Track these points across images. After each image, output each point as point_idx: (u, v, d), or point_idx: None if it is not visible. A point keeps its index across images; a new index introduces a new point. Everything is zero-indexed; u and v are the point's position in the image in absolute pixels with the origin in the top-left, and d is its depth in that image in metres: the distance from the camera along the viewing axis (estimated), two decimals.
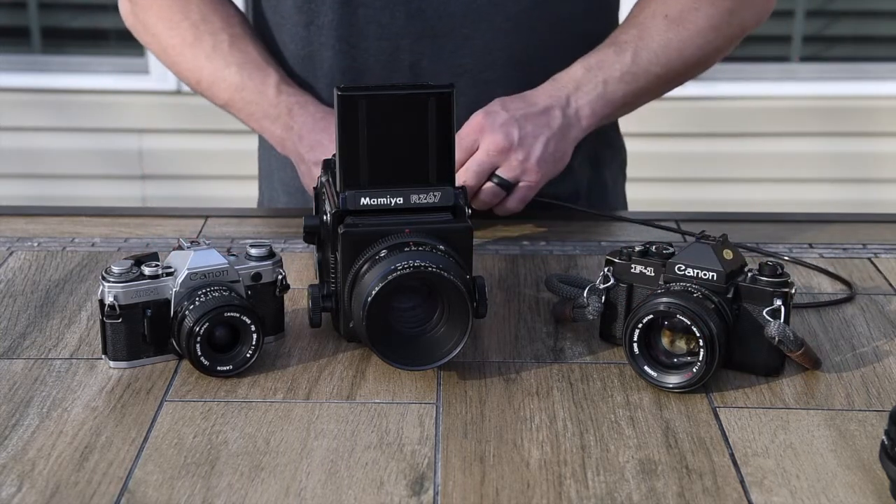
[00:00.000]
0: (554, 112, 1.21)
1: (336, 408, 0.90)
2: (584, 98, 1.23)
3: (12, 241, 1.26)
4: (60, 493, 0.79)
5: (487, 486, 0.80)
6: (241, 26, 1.33)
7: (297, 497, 0.78)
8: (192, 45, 1.31)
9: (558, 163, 1.22)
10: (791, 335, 0.92)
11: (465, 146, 1.18)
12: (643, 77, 1.25)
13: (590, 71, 1.24)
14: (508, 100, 1.21)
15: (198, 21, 1.30)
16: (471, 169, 1.18)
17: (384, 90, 0.97)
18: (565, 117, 1.21)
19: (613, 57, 1.24)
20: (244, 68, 1.28)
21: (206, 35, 1.30)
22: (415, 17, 1.28)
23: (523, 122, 1.19)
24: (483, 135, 1.18)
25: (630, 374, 0.95)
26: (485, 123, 1.18)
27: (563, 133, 1.21)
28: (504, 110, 1.19)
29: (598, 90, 1.23)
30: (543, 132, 1.19)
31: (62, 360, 0.98)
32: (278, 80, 1.29)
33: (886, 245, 1.26)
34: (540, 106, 1.21)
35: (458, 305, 0.92)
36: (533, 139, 1.19)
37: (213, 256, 0.97)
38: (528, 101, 1.21)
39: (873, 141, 3.51)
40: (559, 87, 1.23)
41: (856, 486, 0.80)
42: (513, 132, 1.18)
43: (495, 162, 1.19)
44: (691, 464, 0.82)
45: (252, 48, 1.31)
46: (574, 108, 1.22)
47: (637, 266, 0.98)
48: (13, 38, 3.60)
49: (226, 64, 1.29)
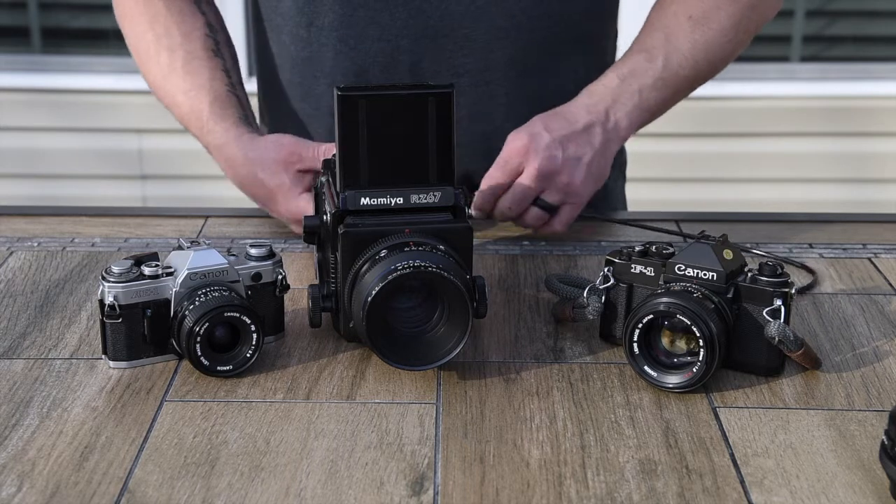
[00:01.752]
0: (595, 129, 1.20)
1: (336, 408, 0.90)
2: (621, 110, 1.22)
3: (12, 241, 1.26)
4: (60, 493, 0.79)
5: (487, 486, 0.80)
6: (202, 41, 1.29)
7: (297, 497, 0.78)
8: (152, 58, 1.30)
9: (600, 180, 1.22)
10: (791, 335, 0.92)
11: (509, 170, 1.18)
12: (674, 81, 1.25)
13: (624, 81, 1.23)
14: (549, 118, 1.21)
15: (161, 34, 1.29)
16: (516, 195, 1.18)
17: (384, 90, 0.97)
18: (605, 132, 1.21)
19: (645, 64, 1.24)
20: (188, 95, 1.27)
21: (164, 51, 1.28)
22: (415, 18, 1.28)
23: (566, 143, 1.18)
24: (528, 159, 1.18)
25: (630, 374, 0.95)
26: (529, 147, 1.18)
27: (603, 149, 1.21)
28: (546, 131, 1.18)
29: (634, 100, 1.23)
30: (586, 152, 1.19)
31: (62, 360, 0.98)
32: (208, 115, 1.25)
33: (886, 245, 1.26)
34: (581, 124, 1.20)
35: (458, 305, 0.92)
36: (576, 161, 1.19)
37: (213, 256, 0.97)
38: (569, 118, 1.20)
39: (873, 141, 3.51)
40: (596, 100, 1.22)
41: (856, 486, 0.80)
42: (557, 155, 1.18)
43: (540, 187, 1.19)
44: (691, 464, 0.82)
45: (204, 70, 1.27)
46: (613, 121, 1.22)
47: (637, 266, 0.98)
48: (13, 38, 3.60)
49: (175, 88, 1.28)
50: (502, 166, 1.19)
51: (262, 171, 1.19)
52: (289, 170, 1.18)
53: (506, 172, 1.18)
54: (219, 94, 1.26)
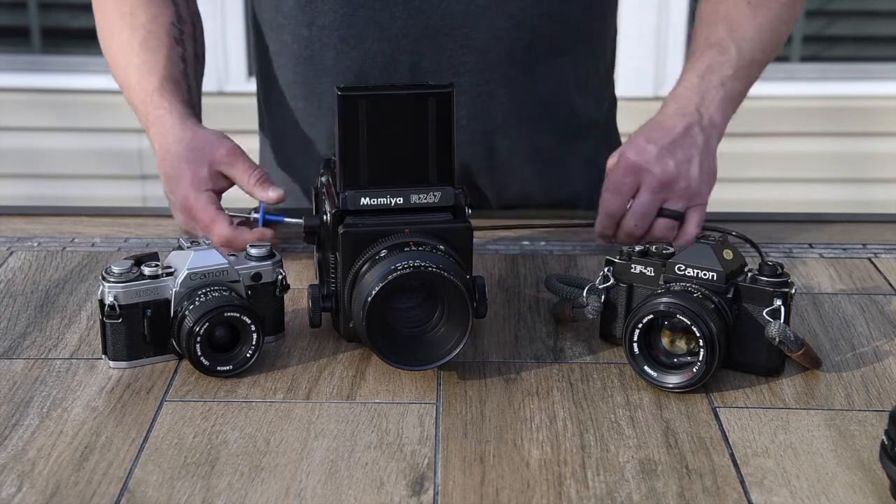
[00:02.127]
0: (694, 130, 1.20)
1: (336, 408, 0.90)
2: (711, 106, 1.22)
3: (12, 241, 1.26)
4: (60, 493, 0.79)
5: (487, 486, 0.80)
6: (167, 27, 1.28)
7: (297, 497, 0.78)
8: (114, 35, 1.29)
9: (713, 178, 1.22)
10: (791, 335, 0.92)
11: (625, 191, 1.18)
12: (749, 68, 1.26)
13: (703, 78, 1.23)
14: (646, 132, 1.21)
15: (126, 13, 1.28)
16: (638, 212, 1.18)
17: (384, 90, 0.97)
18: (703, 131, 1.21)
19: (719, 57, 1.24)
20: (140, 69, 1.25)
21: (126, 29, 1.27)
22: (415, 17, 1.28)
23: (673, 149, 1.18)
24: (641, 175, 1.18)
25: (630, 374, 0.95)
26: (639, 163, 1.17)
27: (707, 147, 1.21)
28: (650, 143, 1.18)
29: (719, 94, 1.23)
30: (694, 153, 1.19)
31: (62, 360, 0.98)
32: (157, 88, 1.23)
33: (886, 245, 1.26)
34: (679, 129, 1.20)
35: (458, 305, 0.92)
36: (687, 163, 1.19)
37: (213, 256, 0.97)
38: (666, 126, 1.20)
39: (873, 141, 3.51)
40: (684, 103, 1.22)
41: (856, 486, 0.80)
42: (669, 163, 1.17)
43: (660, 198, 1.18)
44: (691, 464, 0.82)
45: (161, 49, 1.26)
46: (707, 118, 1.22)
47: (637, 266, 0.98)
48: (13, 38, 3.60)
49: (128, 61, 1.27)
50: (616, 190, 1.18)
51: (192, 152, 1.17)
52: (213, 165, 1.17)
53: (622, 194, 1.18)
54: (172, 75, 1.25)
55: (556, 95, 1.36)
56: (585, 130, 1.42)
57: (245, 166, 1.17)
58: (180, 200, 1.18)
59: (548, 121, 1.36)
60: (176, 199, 1.19)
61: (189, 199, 1.16)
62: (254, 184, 1.17)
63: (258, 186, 1.17)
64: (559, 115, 1.37)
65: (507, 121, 1.34)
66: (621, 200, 1.18)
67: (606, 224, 1.20)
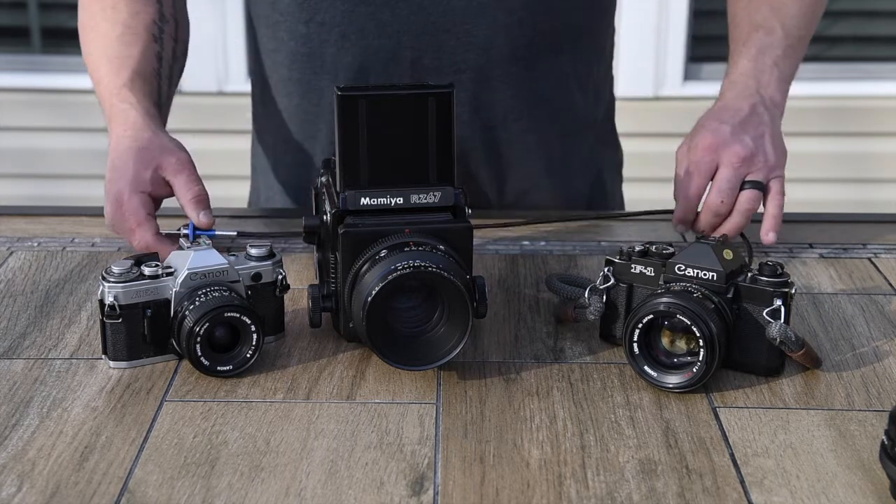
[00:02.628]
0: (759, 109, 1.21)
1: (336, 408, 0.90)
2: (770, 86, 1.24)
3: (12, 241, 1.26)
4: (60, 493, 0.79)
5: (487, 486, 0.80)
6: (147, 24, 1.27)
7: (297, 497, 0.78)
8: (92, 27, 1.28)
9: (785, 153, 1.23)
10: (792, 336, 0.92)
11: (704, 170, 1.18)
12: (797, 45, 1.27)
13: (756, 61, 1.24)
14: (715, 115, 1.21)
15: (107, 6, 1.27)
16: (724, 188, 1.18)
17: (384, 90, 0.97)
18: (768, 110, 1.22)
19: (767, 38, 1.25)
20: (112, 62, 1.25)
21: (105, 22, 1.27)
22: (416, 14, 1.28)
23: (745, 126, 1.19)
24: (719, 152, 1.18)
25: (630, 374, 0.95)
26: (716, 141, 1.18)
27: (774, 126, 1.22)
28: (722, 123, 1.19)
29: (774, 74, 1.24)
30: (765, 130, 1.21)
31: (62, 360, 0.98)
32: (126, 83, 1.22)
33: (886, 245, 1.26)
34: (746, 109, 1.21)
35: (458, 305, 0.92)
36: (762, 139, 1.20)
37: (213, 256, 0.97)
38: (733, 108, 1.21)
39: (873, 141, 3.51)
40: (742, 87, 1.23)
41: (856, 486, 0.80)
42: (745, 138, 1.18)
43: (742, 172, 1.19)
44: (691, 464, 0.82)
45: (138, 44, 1.25)
46: (768, 98, 1.23)
47: (637, 266, 0.98)
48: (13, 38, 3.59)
49: (102, 52, 1.26)
50: (695, 170, 1.18)
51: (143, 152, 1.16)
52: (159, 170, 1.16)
53: (702, 174, 1.18)
54: (143, 72, 1.24)
55: (557, 92, 1.36)
56: (585, 128, 1.42)
57: (189, 180, 1.16)
58: (115, 195, 1.16)
59: (548, 117, 1.36)
60: (111, 192, 1.17)
61: (123, 196, 1.15)
62: (190, 199, 1.15)
63: (192, 204, 1.15)
64: (559, 111, 1.37)
65: (508, 117, 1.34)
66: (702, 180, 1.18)
67: (687, 208, 1.20)
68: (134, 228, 1.14)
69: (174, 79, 1.30)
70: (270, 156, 1.45)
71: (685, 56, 3.42)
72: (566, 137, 1.39)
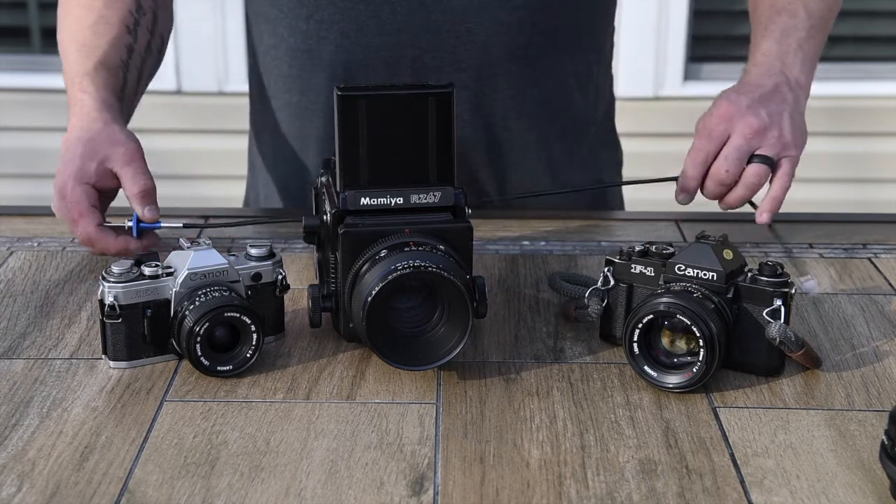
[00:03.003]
0: (782, 88, 1.21)
1: (336, 408, 0.90)
2: (795, 67, 1.23)
3: (12, 241, 1.26)
4: (60, 493, 0.79)
5: (487, 486, 0.80)
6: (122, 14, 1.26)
7: (297, 497, 0.78)
8: (68, 12, 1.28)
9: (804, 135, 1.23)
10: (792, 336, 0.92)
11: (716, 136, 1.18)
12: (820, 25, 1.27)
13: (780, 42, 1.24)
14: (735, 89, 1.21)
15: None
16: (731, 157, 1.18)
17: (384, 90, 0.97)
18: (792, 90, 1.22)
19: (790, 20, 1.25)
20: (81, 50, 1.25)
21: (81, 8, 1.27)
22: (416, 12, 1.28)
23: (765, 101, 1.19)
24: (733, 122, 1.18)
25: (630, 374, 0.95)
26: (732, 110, 1.18)
27: (796, 106, 1.22)
28: (741, 95, 1.19)
29: (799, 55, 1.24)
30: (785, 108, 1.20)
31: (62, 360, 0.98)
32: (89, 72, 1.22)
33: (886, 245, 1.26)
34: (768, 86, 1.21)
35: (458, 305, 0.92)
36: (779, 116, 1.19)
37: (213, 256, 0.97)
38: (755, 84, 1.21)
39: (873, 141, 3.51)
40: (767, 67, 1.23)
41: (856, 486, 0.80)
42: (761, 112, 1.18)
43: (754, 144, 1.18)
44: (691, 464, 0.82)
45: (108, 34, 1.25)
46: (793, 79, 1.23)
47: (637, 266, 0.98)
48: (13, 38, 3.59)
49: (72, 38, 1.26)
50: (707, 135, 1.18)
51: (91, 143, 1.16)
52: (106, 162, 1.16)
53: (712, 140, 1.18)
54: (109, 62, 1.24)
55: (557, 91, 1.36)
56: (585, 127, 1.42)
57: (137, 172, 1.16)
58: (60, 185, 1.16)
59: (548, 116, 1.36)
60: (57, 183, 1.17)
61: (67, 187, 1.15)
62: (136, 193, 1.15)
63: (138, 198, 1.15)
64: (559, 110, 1.37)
65: (509, 115, 1.34)
66: (712, 146, 1.18)
67: (693, 174, 1.20)
68: (76, 219, 1.15)
69: (146, 71, 1.30)
70: (268, 152, 1.44)
71: (685, 56, 3.42)
72: (566, 137, 1.39)
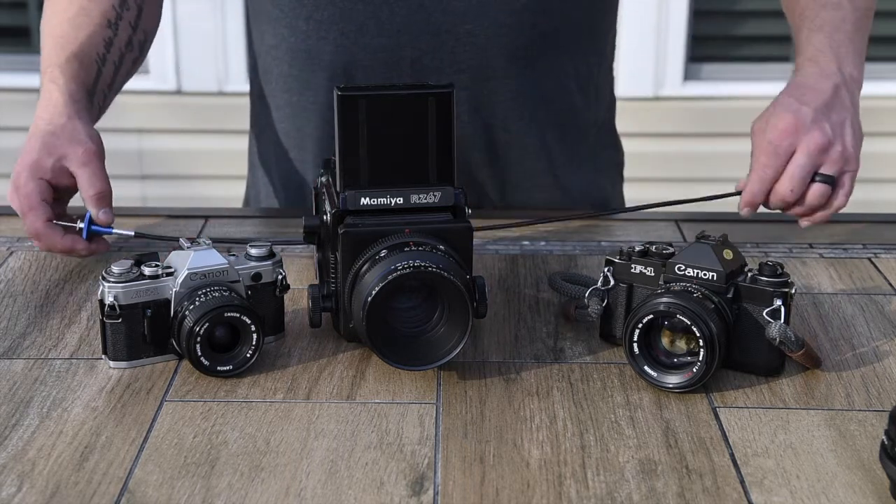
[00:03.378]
0: (841, 91, 1.20)
1: (336, 408, 0.90)
2: (849, 63, 1.22)
3: (12, 241, 1.26)
4: (60, 493, 0.79)
5: (487, 486, 0.80)
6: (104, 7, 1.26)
7: (297, 497, 0.78)
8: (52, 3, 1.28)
9: (861, 138, 1.21)
10: (792, 336, 0.92)
11: (782, 152, 1.17)
12: (865, 17, 1.26)
13: (831, 37, 1.23)
14: (796, 93, 1.19)
15: None
16: (796, 175, 1.16)
17: (384, 90, 0.97)
18: (849, 90, 1.21)
19: (836, 14, 1.24)
20: (57, 40, 1.24)
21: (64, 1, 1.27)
22: (416, 13, 1.28)
23: (828, 111, 1.17)
24: (798, 137, 1.16)
25: (630, 374, 0.95)
26: (797, 125, 1.16)
27: (855, 108, 1.21)
28: (804, 105, 1.17)
29: (850, 49, 1.22)
30: (846, 115, 1.19)
31: (62, 360, 0.98)
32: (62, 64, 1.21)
33: (886, 245, 1.26)
34: (828, 91, 1.19)
35: (458, 305, 0.92)
36: (841, 126, 1.18)
37: (213, 256, 0.97)
38: (815, 88, 1.19)
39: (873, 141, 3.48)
40: (823, 65, 1.21)
41: (856, 486, 0.80)
42: (825, 126, 1.16)
43: (818, 162, 1.17)
44: (691, 464, 0.82)
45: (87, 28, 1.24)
46: (848, 76, 1.21)
47: (637, 266, 0.98)
48: (13, 38, 3.59)
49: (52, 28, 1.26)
50: (773, 152, 1.17)
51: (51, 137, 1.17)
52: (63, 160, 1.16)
53: (779, 157, 1.16)
54: (84, 55, 1.23)
55: (557, 92, 1.36)
56: (585, 128, 1.42)
57: (93, 174, 1.16)
58: (15, 176, 1.17)
59: (548, 118, 1.36)
60: (14, 173, 1.18)
61: (20, 179, 1.16)
62: (92, 195, 1.15)
63: (93, 200, 1.15)
64: (559, 112, 1.37)
65: (508, 117, 1.34)
66: (778, 163, 1.17)
67: (758, 191, 1.18)
68: (25, 212, 1.15)
69: (125, 67, 1.29)
70: (268, 151, 1.44)
71: (685, 56, 3.42)
72: (566, 138, 1.39)
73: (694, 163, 3.47)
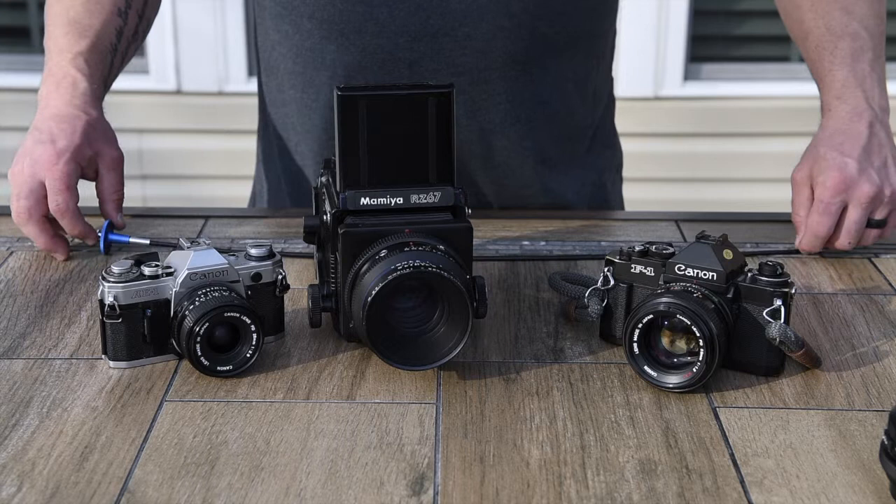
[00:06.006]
0: (875, 128, 1.21)
1: (336, 408, 0.90)
2: (875, 94, 1.23)
3: (12, 241, 1.26)
4: (60, 493, 0.79)
5: (487, 486, 0.80)
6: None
7: (297, 497, 0.78)
8: None
9: None
10: (792, 336, 0.92)
11: (834, 211, 1.18)
12: (881, 41, 1.26)
13: (853, 69, 1.23)
14: (835, 142, 1.20)
15: None
16: (853, 230, 1.19)
17: (384, 90, 0.97)
18: (882, 123, 1.22)
19: (854, 44, 1.24)
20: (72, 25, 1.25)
21: None
22: (414, 15, 1.28)
23: (870, 157, 1.19)
24: (849, 193, 1.18)
25: (630, 374, 0.95)
26: (845, 180, 1.18)
27: (890, 140, 1.21)
28: (845, 156, 1.18)
29: (873, 77, 1.23)
30: (885, 153, 1.20)
31: (62, 360, 0.98)
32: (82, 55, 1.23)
33: (886, 245, 1.26)
34: (864, 132, 1.20)
35: (458, 305, 0.92)
36: (884, 168, 1.19)
37: (213, 256, 0.97)
38: (852, 133, 1.20)
39: None
40: (852, 101, 1.22)
41: (856, 486, 0.80)
42: (872, 175, 1.18)
43: (870, 210, 1.19)
44: (691, 464, 0.82)
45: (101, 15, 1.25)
46: (877, 108, 1.22)
47: (637, 266, 0.98)
48: (13, 38, 3.60)
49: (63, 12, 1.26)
50: (825, 211, 1.18)
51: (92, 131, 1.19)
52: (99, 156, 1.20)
53: (831, 214, 1.19)
54: (101, 46, 1.25)
55: (555, 95, 1.36)
56: (584, 130, 1.42)
57: (117, 180, 1.23)
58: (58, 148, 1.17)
59: (546, 120, 1.36)
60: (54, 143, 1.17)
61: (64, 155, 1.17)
62: (115, 199, 1.22)
63: (113, 203, 1.22)
64: (558, 115, 1.37)
65: (506, 120, 1.34)
66: (832, 221, 1.19)
67: (817, 246, 1.21)
68: (61, 189, 1.17)
69: (128, 56, 1.31)
70: (271, 146, 1.45)
71: (685, 56, 3.42)
72: (564, 140, 1.39)
73: (694, 162, 3.47)
